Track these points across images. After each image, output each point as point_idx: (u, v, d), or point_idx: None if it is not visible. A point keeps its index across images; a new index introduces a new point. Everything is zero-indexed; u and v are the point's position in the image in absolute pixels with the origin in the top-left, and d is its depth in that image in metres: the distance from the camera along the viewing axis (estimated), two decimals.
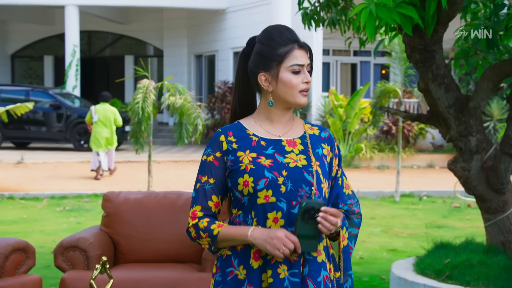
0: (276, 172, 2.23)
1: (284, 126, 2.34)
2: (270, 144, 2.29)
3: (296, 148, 2.30)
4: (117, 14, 20.93)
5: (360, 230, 8.76)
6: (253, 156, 2.26)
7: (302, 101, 2.29)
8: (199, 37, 20.71)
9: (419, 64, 3.91)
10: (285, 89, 2.28)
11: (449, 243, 4.58)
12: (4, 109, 13.29)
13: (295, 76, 2.27)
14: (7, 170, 12.63)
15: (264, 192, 2.21)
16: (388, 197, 11.05)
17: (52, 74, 23.25)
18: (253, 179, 2.22)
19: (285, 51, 2.27)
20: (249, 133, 2.31)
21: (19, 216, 8.38)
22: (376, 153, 15.47)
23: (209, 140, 2.58)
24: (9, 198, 9.65)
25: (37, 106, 16.36)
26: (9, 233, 7.29)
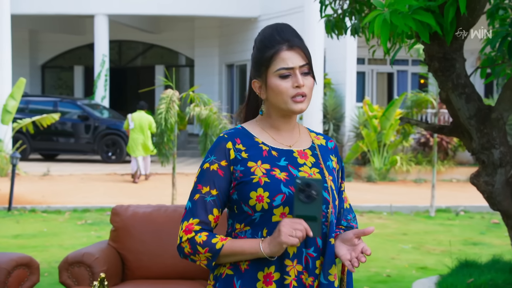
0: (293, 187, 2.06)
1: (291, 135, 2.19)
2: (282, 154, 2.14)
3: (308, 161, 2.16)
4: (148, 23, 21.14)
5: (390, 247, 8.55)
6: (267, 168, 2.09)
7: (296, 108, 2.11)
8: (230, 46, 20.79)
9: (438, 73, 3.83)
10: (275, 96, 2.12)
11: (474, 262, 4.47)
12: (31, 120, 13.55)
13: (283, 81, 2.11)
14: (32, 182, 12.81)
15: (281, 209, 2.05)
16: (423, 212, 10.87)
17: (82, 85, 23.59)
18: (268, 194, 2.05)
19: (270, 54, 2.11)
20: (257, 141, 2.15)
21: (39, 229, 8.47)
22: (413, 166, 15.27)
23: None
24: (31, 211, 9.77)
25: (65, 117, 16.61)
26: (27, 247, 7.37)
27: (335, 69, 16.45)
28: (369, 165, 15.09)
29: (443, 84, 3.82)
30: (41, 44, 23.50)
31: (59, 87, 24.31)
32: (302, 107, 2.12)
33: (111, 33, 19.70)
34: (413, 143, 15.85)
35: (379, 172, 14.75)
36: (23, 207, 9.82)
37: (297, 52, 2.12)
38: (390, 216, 10.46)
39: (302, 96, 2.11)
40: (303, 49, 2.13)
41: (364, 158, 15.58)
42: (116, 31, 20.92)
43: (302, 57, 2.12)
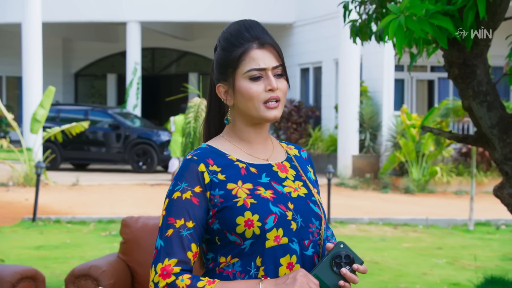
0: (282, 205, 1.88)
1: (265, 147, 1.98)
2: (261, 170, 1.93)
3: (289, 174, 1.96)
4: (181, 30, 21.30)
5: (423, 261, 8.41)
6: (249, 188, 1.88)
7: (270, 115, 1.90)
8: None
9: (458, 80, 3.74)
10: (244, 101, 1.91)
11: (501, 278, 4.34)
12: (60, 129, 13.73)
13: (254, 83, 1.89)
14: (61, 193, 12.96)
15: (274, 232, 1.85)
16: (461, 225, 10.67)
17: (115, 93, 23.87)
18: (258, 216, 1.84)
19: (239, 54, 1.90)
20: (231, 158, 1.92)
21: (62, 240, 8.55)
22: (454, 177, 15.03)
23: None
24: (56, 221, 9.87)
25: (96, 126, 16.79)
26: (48, 258, 7.43)
27: (372, 76, 16.31)
28: (407, 176, 14.89)
29: (464, 92, 3.73)
30: (74, 52, 23.86)
31: (92, 95, 24.64)
32: (276, 114, 1.91)
33: (144, 40, 19.91)
34: (454, 153, 15.60)
35: (417, 183, 14.55)
36: (48, 218, 9.93)
37: (269, 51, 1.91)
38: (425, 229, 10.29)
39: (276, 101, 1.90)
40: (276, 48, 1.93)
41: (401, 168, 15.38)
42: (149, 39, 21.12)
43: (275, 56, 1.92)
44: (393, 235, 9.72)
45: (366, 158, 15.91)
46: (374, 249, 8.60)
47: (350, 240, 9.18)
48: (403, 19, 3.45)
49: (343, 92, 15.72)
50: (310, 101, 18.70)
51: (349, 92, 15.65)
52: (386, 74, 15.89)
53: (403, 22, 3.46)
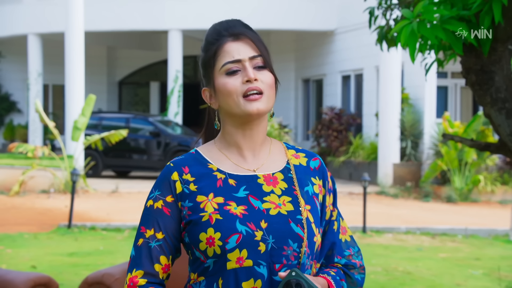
0: (252, 224, 1.72)
1: (256, 155, 1.81)
2: (241, 182, 1.77)
3: (277, 187, 1.78)
4: None
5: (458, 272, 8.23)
6: (219, 202, 1.74)
7: (251, 108, 1.74)
8: (307, 61, 20.74)
9: (476, 87, 3.64)
10: (225, 99, 1.77)
11: None
12: (99, 136, 13.90)
13: (231, 77, 1.76)
14: (100, 200, 13.11)
15: (237, 253, 1.70)
16: (502, 235, 10.41)
17: (158, 101, 24.09)
18: (220, 235, 1.70)
19: (214, 50, 1.79)
20: (211, 168, 1.79)
21: (95, 247, 8.62)
22: (498, 186, 14.70)
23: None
24: (91, 228, 9.97)
25: (138, 134, 16.96)
26: (79, 265, 7.51)
27: (413, 83, 16.10)
28: (449, 184, 14.63)
29: (481, 99, 3.63)
30: (118, 61, 24.19)
31: (135, 103, 24.92)
32: (259, 106, 1.74)
33: (187, 48, 20.03)
34: (498, 161, 15.26)
35: (460, 192, 14.28)
36: (83, 225, 10.04)
37: (245, 43, 1.78)
38: (465, 239, 10.07)
39: (257, 94, 1.75)
40: (254, 39, 1.80)
41: (443, 177, 15.12)
42: (192, 47, 21.25)
43: (252, 47, 1.78)
44: (430, 245, 9.54)
45: (407, 166, 15.70)
46: (408, 259, 8.45)
47: (385, 249, 9.05)
48: (416, 25, 3.38)
49: (384, 99, 15.56)
50: (351, 108, 18.55)
51: (389, 99, 15.48)
52: (428, 81, 15.65)
53: (415, 28, 3.40)
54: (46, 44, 20.22)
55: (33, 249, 8.41)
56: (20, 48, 21.28)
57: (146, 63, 23.97)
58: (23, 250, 8.33)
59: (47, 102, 22.96)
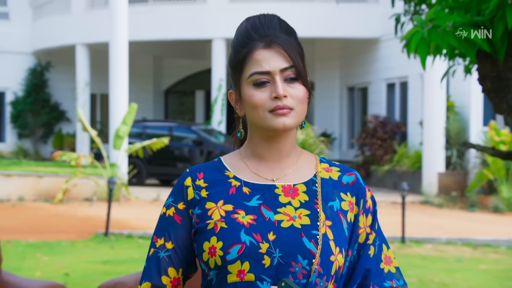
0: (258, 235, 1.59)
1: (280, 166, 1.69)
2: (256, 191, 1.65)
3: (296, 199, 1.65)
4: None
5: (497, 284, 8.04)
6: (228, 210, 1.63)
7: (277, 123, 1.61)
8: (351, 69, 20.60)
9: (492, 94, 3.54)
10: (251, 111, 1.64)
11: None
12: (141, 145, 14.05)
13: (258, 90, 1.62)
14: (141, 208, 13.24)
15: (238, 266, 1.57)
16: None
17: (203, 109, 24.25)
18: (222, 244, 1.59)
19: (243, 55, 1.64)
20: (228, 175, 1.68)
21: (130, 255, 8.70)
22: None
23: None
24: (128, 236, 10.06)
25: (181, 143, 17.09)
26: (112, 273, 7.57)
27: (459, 91, 15.82)
28: (496, 194, 14.30)
29: (497, 107, 3.53)
30: (164, 70, 24.45)
31: (181, 112, 25.13)
32: (286, 121, 1.61)
33: None
34: None
35: (507, 202, 13.93)
36: (120, 233, 10.14)
37: (277, 52, 1.62)
38: (508, 250, 9.82)
39: (284, 109, 1.61)
40: (287, 47, 1.63)
41: (490, 186, 14.79)
42: None
43: (285, 57, 1.62)
44: (471, 256, 9.33)
45: (452, 176, 15.41)
46: (447, 270, 8.28)
47: (423, 260, 8.89)
48: (426, 32, 3.32)
49: (428, 107, 15.33)
50: (396, 116, 18.34)
51: (434, 107, 15.25)
52: (474, 88, 15.36)
53: (426, 35, 3.33)
54: (94, 54, 20.58)
55: (69, 256, 8.53)
56: (69, 58, 21.71)
57: (191, 72, 24.17)
58: (59, 257, 8.45)
59: (94, 111, 23.35)
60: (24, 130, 22.61)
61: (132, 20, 17.42)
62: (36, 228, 10.87)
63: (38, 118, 22.60)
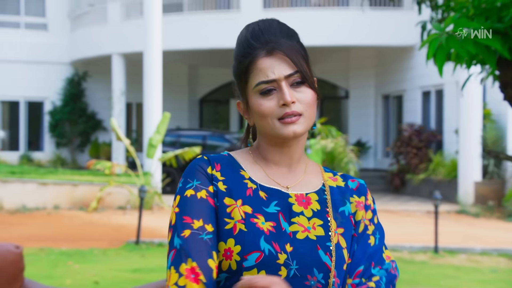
0: (277, 244, 1.54)
1: (292, 173, 1.66)
2: (273, 197, 1.60)
3: (309, 208, 1.61)
4: None
5: None
6: (247, 212, 1.56)
7: (287, 132, 1.58)
8: (386, 77, 20.46)
9: None
10: (260, 120, 1.62)
11: None
12: (174, 154, 14.13)
13: (265, 99, 1.60)
14: None
15: (254, 274, 1.51)
16: None
17: (237, 118, 24.31)
18: (240, 249, 1.52)
19: (246, 65, 1.62)
20: (243, 174, 1.62)
21: (160, 264, 8.73)
22: None
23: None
24: (159, 245, 10.11)
25: (216, 151, 17.15)
26: (141, 281, 7.61)
27: (496, 98, 15.57)
28: None
29: None
30: (199, 79, 24.59)
31: (216, 120, 25.24)
32: (296, 129, 1.58)
33: None
34: None
35: None
36: (152, 241, 10.20)
37: (279, 58, 1.60)
38: None
39: (293, 116, 1.59)
40: (290, 52, 1.61)
41: None
42: None
43: (288, 63, 1.60)
44: (506, 267, 9.16)
45: (489, 185, 15.17)
46: (480, 281, 8.14)
47: (457, 271, 8.76)
48: (444, 39, 3.28)
49: (465, 116, 15.13)
50: (432, 125, 18.14)
51: (471, 115, 15.04)
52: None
53: (444, 42, 3.29)
54: (129, 64, 20.79)
55: (100, 264, 8.60)
56: (105, 68, 21.98)
57: (226, 80, 24.26)
58: (90, 265, 8.53)
59: (130, 120, 23.58)
60: (62, 139, 22.93)
61: (167, 29, 17.57)
62: (69, 236, 11.00)
63: (75, 127, 22.90)
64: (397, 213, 14.26)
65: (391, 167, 18.37)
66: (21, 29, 23.14)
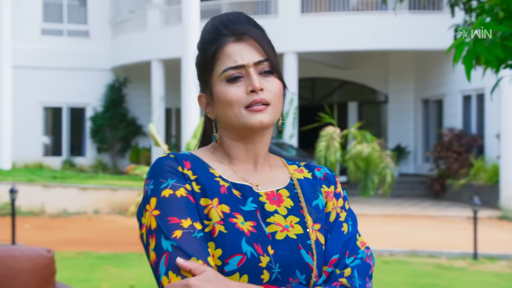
0: (259, 246, 1.45)
1: (257, 170, 1.56)
2: (248, 194, 1.50)
3: (282, 206, 1.52)
4: (341, 59, 21.31)
5: None
6: (225, 211, 1.46)
7: (253, 120, 1.49)
8: (426, 81, 20.23)
9: None
10: (224, 110, 1.52)
11: None
12: None
13: (233, 86, 1.51)
14: None
15: (236, 278, 1.42)
16: None
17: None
18: (221, 252, 1.42)
19: (211, 53, 1.54)
20: (213, 172, 1.52)
21: None
22: None
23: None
24: None
25: None
26: None
27: None
28: None
29: None
30: None
31: None
32: (263, 118, 1.49)
33: (303, 71, 20.12)
34: None
35: None
36: None
37: (249, 44, 1.53)
38: None
39: (261, 104, 1.50)
40: (260, 39, 1.53)
41: None
42: (308, 69, 21.31)
43: (258, 50, 1.52)
44: None
45: None
46: None
47: (496, 277, 8.60)
48: (471, 43, 3.24)
49: (506, 120, 14.88)
50: (473, 129, 17.87)
51: None
52: None
53: (471, 46, 3.25)
54: (169, 69, 20.98)
55: (136, 269, 8.67)
56: (145, 74, 22.21)
57: None
58: (126, 269, 8.61)
59: (170, 126, 23.77)
60: (103, 144, 23.24)
61: None
62: (108, 240, 11.12)
63: (116, 132, 23.18)
64: (436, 219, 14.08)
65: (431, 172, 18.16)
66: (64, 37, 23.54)
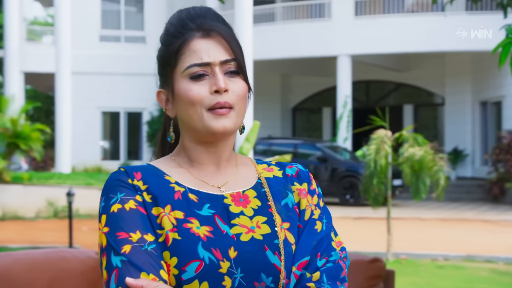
0: (218, 251, 1.37)
1: (220, 171, 1.49)
2: (204, 200, 1.42)
3: (249, 207, 1.44)
4: (396, 61, 21.05)
5: None
6: (178, 218, 1.39)
7: (216, 126, 1.42)
8: (484, 82, 19.81)
9: None
10: (185, 109, 1.44)
11: None
12: None
13: (196, 83, 1.43)
14: None
15: (196, 286, 1.34)
16: None
17: (330, 126, 24.15)
18: (176, 261, 1.35)
19: (175, 47, 1.45)
20: (168, 179, 1.44)
21: None
22: None
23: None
24: None
25: (307, 160, 17.10)
26: None
27: None
28: None
29: None
30: (291, 87, 24.62)
31: (308, 129, 25.17)
32: (226, 124, 1.42)
33: (357, 73, 19.95)
34: None
35: None
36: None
37: (217, 41, 1.44)
38: None
39: (225, 108, 1.42)
40: (228, 37, 1.44)
41: None
42: (362, 71, 21.12)
43: (225, 48, 1.44)
44: None
45: None
46: None
47: None
48: None
49: None
50: None
51: None
52: None
53: None
54: None
55: None
56: None
57: (318, 89, 24.18)
58: None
59: None
60: None
61: (260, 39, 17.70)
62: None
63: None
64: (495, 223, 13.75)
65: (489, 175, 17.76)
66: (121, 43, 23.92)
